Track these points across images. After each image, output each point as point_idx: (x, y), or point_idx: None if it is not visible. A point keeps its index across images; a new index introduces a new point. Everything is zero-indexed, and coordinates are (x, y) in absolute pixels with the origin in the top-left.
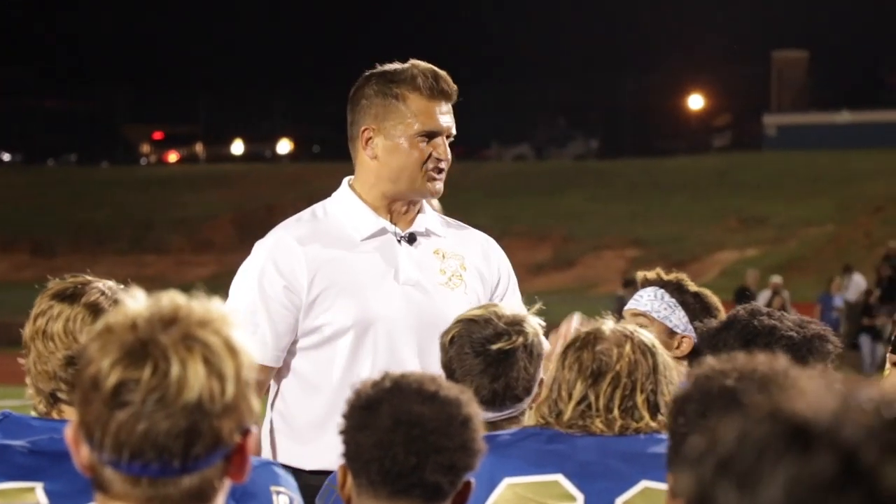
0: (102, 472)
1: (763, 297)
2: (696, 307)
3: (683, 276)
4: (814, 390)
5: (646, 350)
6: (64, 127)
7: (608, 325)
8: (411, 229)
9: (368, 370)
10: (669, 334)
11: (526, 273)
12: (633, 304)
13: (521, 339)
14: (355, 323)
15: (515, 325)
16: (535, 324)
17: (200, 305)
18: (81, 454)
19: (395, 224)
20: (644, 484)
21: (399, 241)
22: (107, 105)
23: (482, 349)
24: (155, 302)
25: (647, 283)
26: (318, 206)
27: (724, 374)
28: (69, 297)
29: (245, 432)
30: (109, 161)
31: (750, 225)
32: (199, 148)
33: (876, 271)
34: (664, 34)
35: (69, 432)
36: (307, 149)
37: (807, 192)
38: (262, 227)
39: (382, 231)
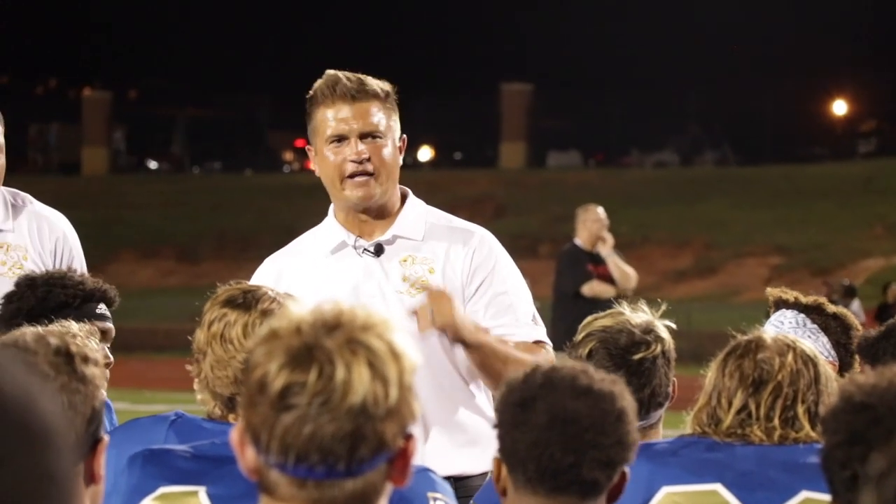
0: (268, 474)
1: None
2: (837, 329)
3: (823, 299)
4: None
5: (808, 360)
6: (208, 135)
7: (769, 333)
8: (378, 239)
9: None
10: None
11: (666, 280)
12: (774, 331)
13: (659, 347)
14: None
15: (651, 331)
16: (664, 327)
17: (363, 310)
18: (247, 457)
19: (365, 235)
20: (805, 494)
21: (361, 254)
22: (250, 113)
23: (623, 360)
24: (318, 307)
25: (782, 304)
26: (313, 228)
27: (867, 390)
28: (242, 304)
29: (408, 436)
30: (253, 168)
31: None
32: None
33: None
34: (807, 38)
35: (235, 435)
36: (448, 155)
37: None
38: None
39: (342, 245)
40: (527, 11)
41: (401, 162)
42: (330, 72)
